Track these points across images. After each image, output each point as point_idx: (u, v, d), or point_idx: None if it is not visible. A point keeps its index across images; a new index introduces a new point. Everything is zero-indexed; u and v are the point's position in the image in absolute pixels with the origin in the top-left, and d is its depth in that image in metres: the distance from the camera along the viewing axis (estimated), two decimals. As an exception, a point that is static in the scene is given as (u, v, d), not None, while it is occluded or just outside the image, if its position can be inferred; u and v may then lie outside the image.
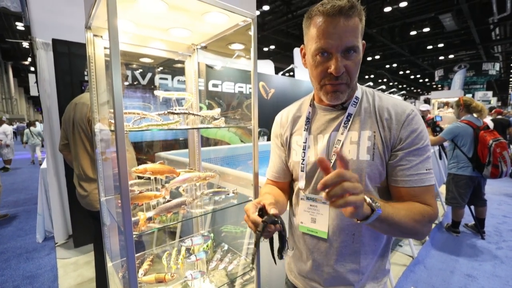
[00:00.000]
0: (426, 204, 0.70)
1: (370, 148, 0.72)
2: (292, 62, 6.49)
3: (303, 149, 0.82)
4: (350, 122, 0.75)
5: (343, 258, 0.77)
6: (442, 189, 4.42)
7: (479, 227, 3.11)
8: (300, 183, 0.82)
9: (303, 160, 0.81)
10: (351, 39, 0.66)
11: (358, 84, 0.79)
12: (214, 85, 4.33)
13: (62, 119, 1.83)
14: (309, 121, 0.83)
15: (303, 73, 6.48)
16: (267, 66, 6.31)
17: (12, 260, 2.74)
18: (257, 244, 0.63)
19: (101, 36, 1.19)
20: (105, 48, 1.22)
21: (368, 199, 0.59)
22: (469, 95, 14.30)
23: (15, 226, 3.67)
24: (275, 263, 0.70)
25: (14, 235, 3.37)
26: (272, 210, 0.64)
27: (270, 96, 5.18)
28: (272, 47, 14.69)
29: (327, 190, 0.52)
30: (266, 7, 10.14)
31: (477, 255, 2.70)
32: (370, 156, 0.72)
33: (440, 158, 4.24)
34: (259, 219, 0.62)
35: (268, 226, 0.61)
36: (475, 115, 2.94)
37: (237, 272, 1.37)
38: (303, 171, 0.82)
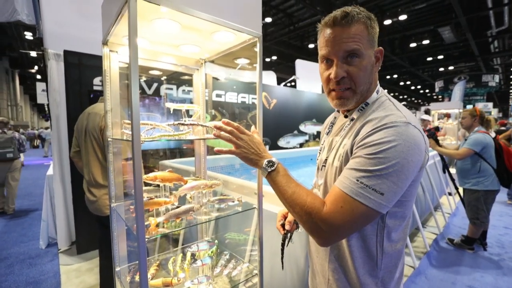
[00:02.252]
0: (324, 201, 0.65)
1: (340, 155, 0.72)
2: (294, 73, 6.61)
3: (319, 150, 0.89)
4: (347, 129, 0.76)
5: (332, 263, 0.76)
6: (443, 200, 4.42)
7: (481, 239, 3.10)
8: (315, 178, 0.88)
9: (317, 158, 0.88)
10: (349, 44, 0.68)
11: (380, 92, 0.76)
12: (218, 95, 4.43)
13: (74, 127, 1.90)
14: (332, 124, 0.88)
15: (304, 84, 6.60)
16: (269, 77, 6.43)
17: (15, 266, 2.76)
18: (283, 244, 0.95)
19: (116, 51, 1.28)
20: (119, 62, 1.30)
21: (267, 161, 0.75)
22: (470, 106, 14.40)
23: (18, 232, 3.70)
24: (282, 268, 0.92)
25: (17, 241, 3.40)
26: (287, 226, 0.90)
27: (272, 106, 5.27)
28: (274, 57, 14.96)
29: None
30: (268, 19, 10.41)
31: (479, 267, 2.70)
32: (339, 163, 0.72)
33: (444, 172, 3.81)
34: (281, 229, 0.93)
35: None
36: (483, 128, 2.89)
37: (240, 279, 1.40)
38: (318, 167, 0.86)
